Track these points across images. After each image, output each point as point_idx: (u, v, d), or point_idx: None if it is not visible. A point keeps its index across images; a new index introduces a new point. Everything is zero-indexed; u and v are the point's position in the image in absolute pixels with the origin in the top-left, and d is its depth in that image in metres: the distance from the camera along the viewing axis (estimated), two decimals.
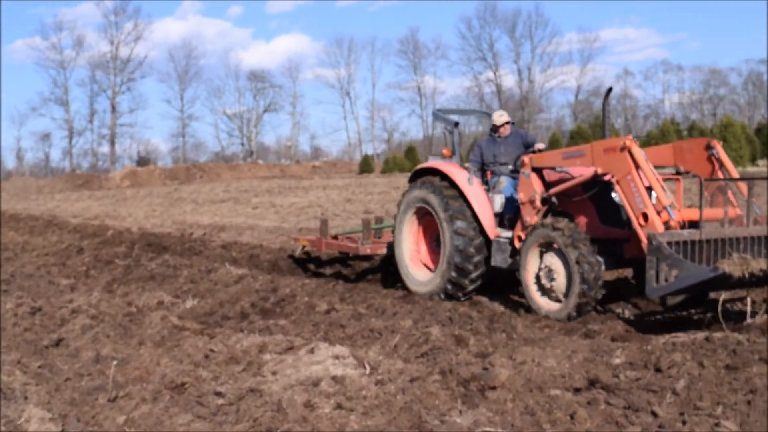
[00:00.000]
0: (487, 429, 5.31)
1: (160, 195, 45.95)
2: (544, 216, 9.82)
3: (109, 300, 11.12)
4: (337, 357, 6.91)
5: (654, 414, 5.51)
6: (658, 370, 6.43)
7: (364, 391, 6.09)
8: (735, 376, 6.14)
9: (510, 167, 11.05)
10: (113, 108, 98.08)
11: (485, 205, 10.59)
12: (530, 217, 9.89)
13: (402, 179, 54.30)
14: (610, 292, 9.83)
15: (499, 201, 10.64)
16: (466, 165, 11.22)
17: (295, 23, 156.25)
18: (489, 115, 12.20)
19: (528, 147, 10.95)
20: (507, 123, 11.43)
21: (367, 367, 6.65)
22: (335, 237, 13.80)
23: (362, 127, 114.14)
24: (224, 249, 16.67)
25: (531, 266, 9.57)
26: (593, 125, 68.31)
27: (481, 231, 10.52)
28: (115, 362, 7.34)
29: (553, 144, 68.27)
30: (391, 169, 71.55)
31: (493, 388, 6.08)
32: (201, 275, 13.45)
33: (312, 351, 7.13)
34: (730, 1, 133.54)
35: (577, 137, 64.65)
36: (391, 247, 12.16)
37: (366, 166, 76.49)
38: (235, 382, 6.61)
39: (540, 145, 10.80)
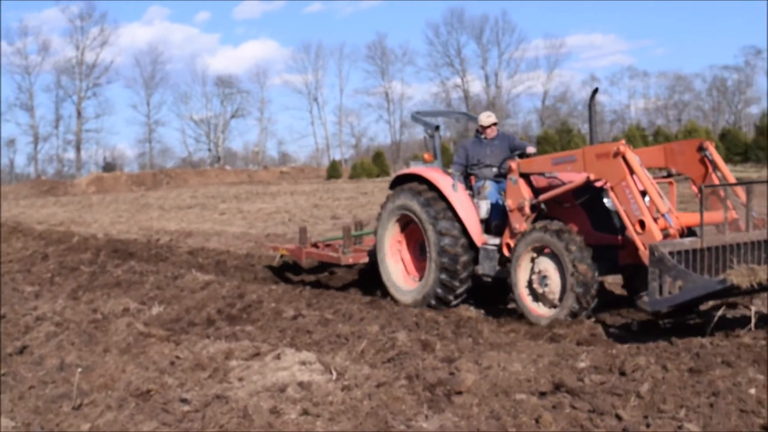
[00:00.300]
0: None
1: (127, 201, 45.69)
2: (533, 223, 9.59)
3: (74, 307, 11.05)
4: (303, 363, 6.91)
5: (618, 417, 5.55)
6: (622, 373, 6.48)
7: (331, 396, 6.09)
8: (698, 379, 6.20)
9: (495, 170, 10.78)
10: (79, 113, 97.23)
11: (471, 212, 10.31)
12: (519, 224, 9.69)
13: (370, 185, 54.39)
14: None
15: (485, 207, 10.37)
16: (450, 170, 10.85)
17: (262, 29, 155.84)
18: (470, 117, 12.26)
19: (515, 151, 10.66)
20: (494, 124, 11.16)
21: (334, 373, 6.65)
22: (315, 245, 13.44)
23: (330, 132, 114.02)
24: (191, 255, 16.60)
25: (522, 272, 9.35)
26: (560, 131, 68.65)
27: (467, 238, 10.24)
28: (79, 370, 7.30)
29: None
30: (359, 175, 71.52)
31: (459, 392, 6.10)
32: (167, 281, 13.37)
33: (278, 357, 7.12)
34: (695, 5, 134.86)
35: (543, 143, 64.98)
36: (373, 255, 11.78)
37: (334, 171, 76.38)
38: (200, 389, 6.58)
39: (531, 149, 10.57)
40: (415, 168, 11.17)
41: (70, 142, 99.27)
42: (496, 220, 10.28)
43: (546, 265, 9.07)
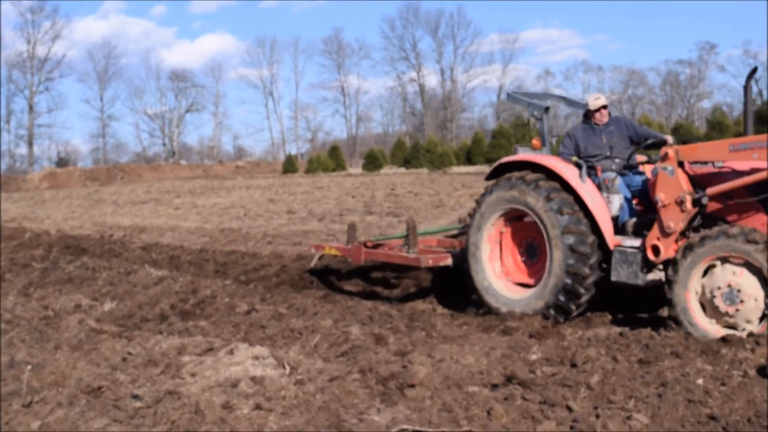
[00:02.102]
0: (405, 427, 5.35)
1: (80, 196, 45.22)
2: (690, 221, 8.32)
3: (25, 304, 10.92)
4: (256, 357, 6.89)
5: (569, 408, 5.62)
6: (573, 365, 6.57)
7: (284, 391, 6.09)
8: (647, 370, 6.30)
9: (617, 161, 9.37)
10: (31, 108, 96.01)
11: (602, 208, 8.79)
12: (674, 222, 8.21)
13: (326, 179, 54.36)
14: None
15: (617, 203, 8.91)
16: (574, 159, 9.44)
17: (219, 23, 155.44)
18: (568, 101, 10.86)
19: (642, 140, 9.44)
20: (604, 107, 9.71)
21: (287, 367, 6.64)
22: (364, 244, 11.50)
23: (286, 127, 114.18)
24: (144, 250, 16.49)
25: (694, 283, 7.82)
26: (515, 125, 68.98)
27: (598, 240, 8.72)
28: (29, 367, 7.20)
29: (477, 143, 69.04)
30: (315, 169, 71.41)
31: (412, 385, 6.12)
32: (120, 277, 13.28)
33: (231, 352, 7.10)
34: (649, 2, 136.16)
35: (499, 136, 65.31)
36: (459, 257, 10.17)
37: (290, 166, 76.20)
38: (153, 385, 6.54)
39: (669, 138, 9.25)
40: (529, 155, 9.52)
41: (22, 138, 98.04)
42: (629, 218, 8.93)
43: (737, 279, 7.56)
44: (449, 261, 10.14)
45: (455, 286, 10.69)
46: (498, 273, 9.52)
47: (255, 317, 9.27)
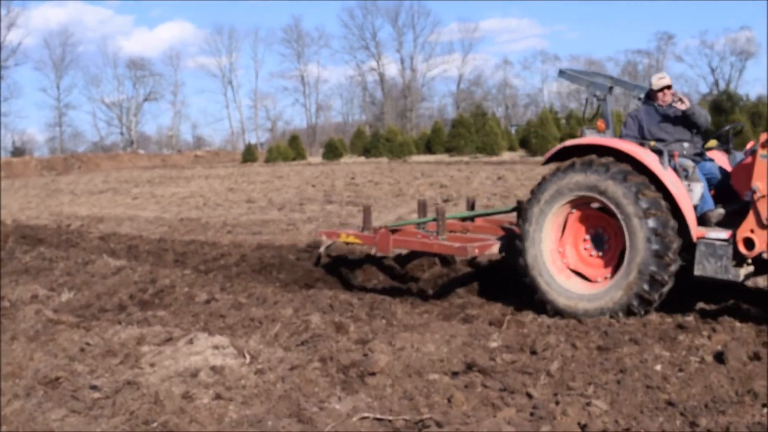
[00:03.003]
0: (366, 414, 5.35)
1: (37, 186, 44.71)
2: None
3: None
4: (216, 347, 6.86)
5: (529, 395, 5.66)
6: (533, 352, 6.61)
7: (244, 380, 6.07)
8: (606, 356, 6.37)
9: (686, 146, 8.70)
10: None
11: (686, 198, 8.02)
12: None
13: (286, 168, 54.20)
14: (490, 278, 9.99)
15: (698, 191, 8.14)
16: (651, 143, 8.54)
17: (178, 11, 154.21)
18: (618, 81, 9.87)
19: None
20: (668, 87, 9.04)
21: (247, 357, 6.62)
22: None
23: (245, 116, 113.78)
24: (102, 240, 16.35)
25: None
26: (474, 114, 69.15)
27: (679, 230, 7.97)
28: None
29: (437, 133, 69.20)
30: (275, 159, 71.16)
31: (373, 374, 6.13)
32: (78, 267, 13.14)
33: (191, 342, 7.06)
34: None
35: (459, 126, 65.46)
36: (507, 246, 9.37)
37: (249, 155, 75.86)
38: (111, 375, 6.49)
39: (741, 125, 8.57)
40: (602, 138, 8.62)
41: None
42: (712, 208, 8.15)
43: None
44: (495, 249, 9.34)
45: (417, 274, 10.71)
46: (559, 265, 8.61)
47: (215, 306, 9.22)
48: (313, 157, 77.40)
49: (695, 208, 8.06)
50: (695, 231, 7.88)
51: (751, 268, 7.77)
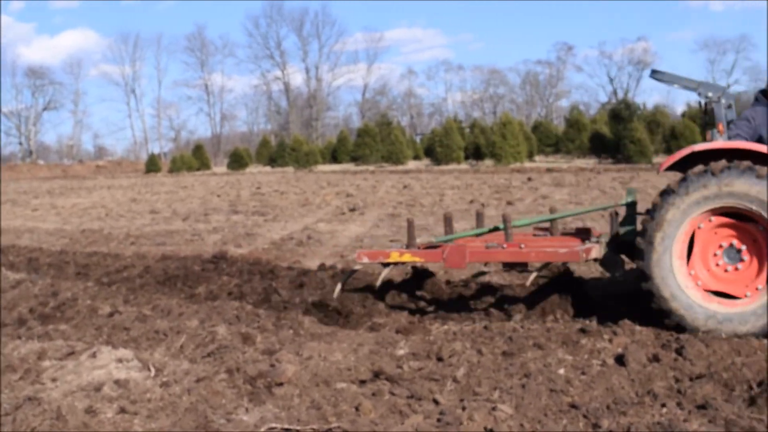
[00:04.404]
0: (273, 425, 5.33)
1: None
2: None
3: None
4: (120, 360, 6.75)
5: (436, 402, 5.70)
6: (439, 359, 6.68)
7: (149, 393, 5.98)
8: (511, 361, 6.47)
9: None
10: None
11: None
12: None
13: (190, 178, 53.67)
14: (397, 285, 10.04)
15: None
16: None
17: (81, 19, 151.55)
18: (711, 86, 8.45)
19: None
20: None
21: (152, 369, 6.53)
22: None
23: (148, 125, 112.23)
24: (0, 253, 15.95)
25: None
26: (380, 123, 69.59)
27: None
28: None
29: (343, 142, 69.38)
30: (179, 169, 70.49)
31: (280, 384, 6.11)
32: None
33: (94, 355, 6.92)
34: (509, 2, 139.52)
35: (364, 135, 65.77)
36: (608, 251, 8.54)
37: (152, 165, 74.99)
38: (11, 391, 6.33)
39: None
40: (742, 142, 7.79)
41: None
42: None
43: None
44: (598, 253, 8.38)
45: (324, 284, 10.71)
46: (689, 280, 7.60)
47: (118, 319, 9.07)
48: (218, 167, 76.84)
49: None
50: None
51: None
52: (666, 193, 7.53)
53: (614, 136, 56.43)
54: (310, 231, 18.19)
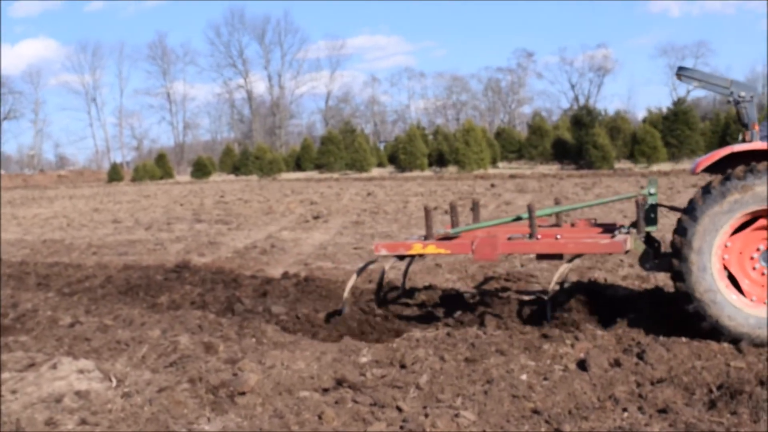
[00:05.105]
0: None
1: None
2: None
3: None
4: (81, 371, 6.69)
5: (399, 409, 5.71)
6: (402, 366, 6.68)
7: (110, 404, 5.93)
8: (474, 368, 6.49)
9: None
10: None
11: None
12: None
13: (153, 187, 53.36)
14: (359, 293, 10.03)
15: None
16: None
17: (41, 27, 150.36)
18: (735, 83, 8.15)
19: None
20: None
21: (114, 380, 6.48)
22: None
23: (110, 134, 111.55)
24: None
25: None
26: (343, 131, 69.73)
27: None
28: None
29: (306, 149, 69.31)
30: (142, 177, 70.10)
31: (243, 393, 6.08)
32: None
33: (55, 366, 6.85)
34: (470, 7, 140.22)
35: (328, 143, 65.79)
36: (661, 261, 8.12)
37: (115, 174, 74.52)
38: None
39: None
40: None
41: None
42: None
43: None
44: (632, 245, 8.08)
45: (288, 292, 10.69)
46: (727, 284, 7.32)
47: (79, 330, 8.98)
48: (181, 176, 76.52)
49: None
50: None
51: None
52: (706, 195, 7.25)
53: (576, 141, 56.87)
54: (274, 239, 18.16)
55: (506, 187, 34.40)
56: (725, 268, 7.33)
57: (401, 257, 8.91)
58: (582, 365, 6.37)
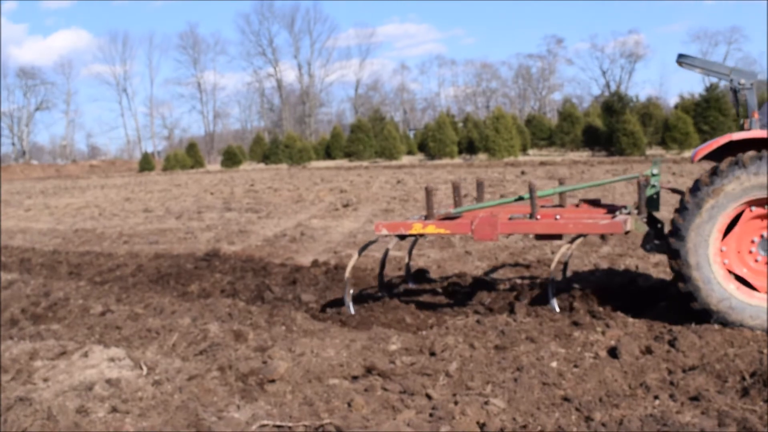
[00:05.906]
0: (266, 422, 5.31)
1: None
2: None
3: None
4: (112, 359, 6.72)
5: (428, 396, 5.69)
6: (432, 354, 6.65)
7: (140, 392, 5.96)
8: (503, 355, 6.44)
9: None
10: None
11: None
12: None
13: (184, 176, 53.55)
14: (388, 280, 10.03)
15: None
16: None
17: (73, 19, 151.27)
18: (736, 70, 8.07)
19: None
20: None
21: (144, 368, 6.51)
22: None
23: (141, 124, 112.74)
24: None
25: None
26: (373, 119, 69.63)
27: None
28: None
29: (336, 138, 69.33)
30: (173, 167, 70.41)
31: (272, 381, 6.09)
32: None
33: (86, 355, 6.90)
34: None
35: (357, 131, 65.72)
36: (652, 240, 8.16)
37: (146, 164, 74.90)
38: (3, 392, 6.29)
39: None
40: None
41: None
42: None
43: None
44: (633, 225, 7.99)
45: (318, 280, 10.70)
46: (725, 272, 7.30)
47: (110, 318, 9.04)
48: (211, 165, 76.84)
49: None
50: None
51: None
52: (705, 181, 7.21)
53: (607, 128, 56.44)
54: (304, 227, 18.18)
55: (537, 174, 34.21)
56: (730, 272, 7.27)
57: (402, 237, 8.84)
58: (613, 352, 6.31)
